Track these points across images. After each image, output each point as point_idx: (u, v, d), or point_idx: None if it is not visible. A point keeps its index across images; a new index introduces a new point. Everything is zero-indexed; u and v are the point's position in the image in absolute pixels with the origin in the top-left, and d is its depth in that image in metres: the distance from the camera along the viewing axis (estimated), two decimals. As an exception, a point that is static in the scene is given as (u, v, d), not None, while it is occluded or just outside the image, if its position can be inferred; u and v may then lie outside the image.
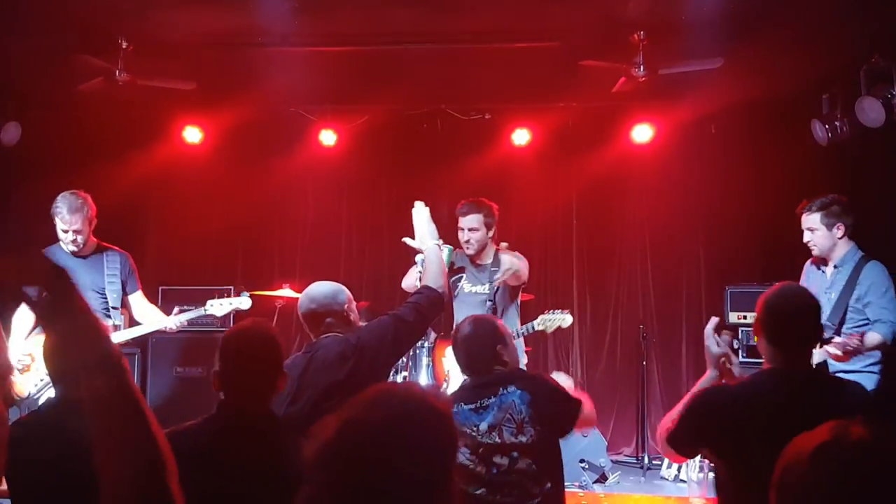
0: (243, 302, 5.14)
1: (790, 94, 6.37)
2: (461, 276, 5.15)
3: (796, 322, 2.56)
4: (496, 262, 5.06)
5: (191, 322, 5.05)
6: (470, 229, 5.03)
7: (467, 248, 5.05)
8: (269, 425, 2.55)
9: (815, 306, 2.62)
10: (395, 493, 1.32)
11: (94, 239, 4.89)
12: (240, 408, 2.54)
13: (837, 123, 6.02)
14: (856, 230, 4.58)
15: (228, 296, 5.51)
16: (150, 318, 5.00)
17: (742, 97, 6.33)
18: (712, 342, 2.80)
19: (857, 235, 4.59)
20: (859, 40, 5.41)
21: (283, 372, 2.63)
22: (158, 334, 6.52)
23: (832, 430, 1.30)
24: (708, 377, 2.78)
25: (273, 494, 2.29)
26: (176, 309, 5.04)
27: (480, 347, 3.20)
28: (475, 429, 3.06)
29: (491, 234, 5.08)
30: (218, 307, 5.05)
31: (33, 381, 4.61)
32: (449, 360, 5.29)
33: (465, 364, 3.24)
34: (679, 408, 2.64)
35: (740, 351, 6.21)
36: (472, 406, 3.10)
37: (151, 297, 6.58)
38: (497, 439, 3.03)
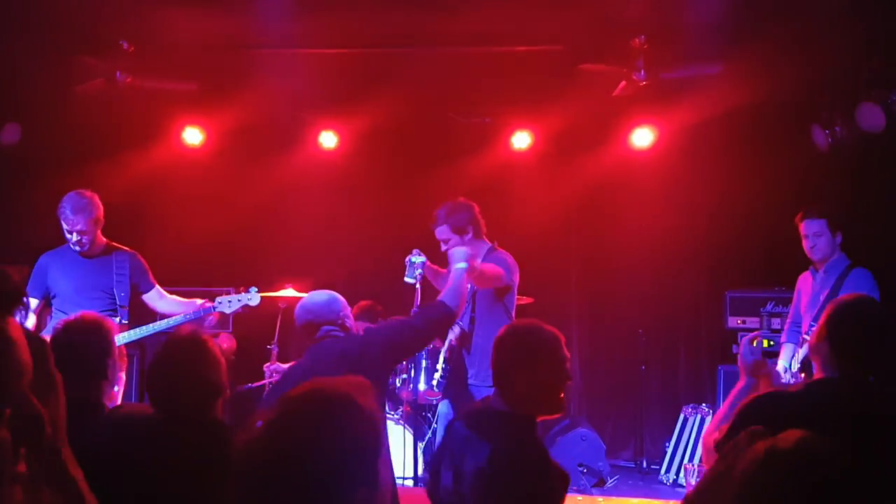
0: (252, 298, 5.07)
1: (790, 99, 6.38)
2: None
3: (871, 335, 2.54)
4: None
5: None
6: (442, 241, 4.83)
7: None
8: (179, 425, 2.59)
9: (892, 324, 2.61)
10: (313, 492, 1.35)
11: (104, 239, 4.86)
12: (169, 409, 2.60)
13: (837, 128, 6.02)
14: (855, 234, 4.63)
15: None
16: (173, 307, 4.96)
17: (742, 102, 6.33)
18: (747, 350, 2.87)
19: (858, 239, 4.62)
20: (859, 45, 5.42)
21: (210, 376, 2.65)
22: (158, 336, 6.52)
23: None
24: (746, 385, 2.86)
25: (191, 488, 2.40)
26: (199, 301, 4.99)
27: None
28: None
29: (467, 237, 4.82)
30: (227, 304, 5.02)
31: None
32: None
33: None
34: (722, 415, 2.70)
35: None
36: None
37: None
38: None
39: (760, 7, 5.01)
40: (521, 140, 7.22)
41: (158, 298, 5.03)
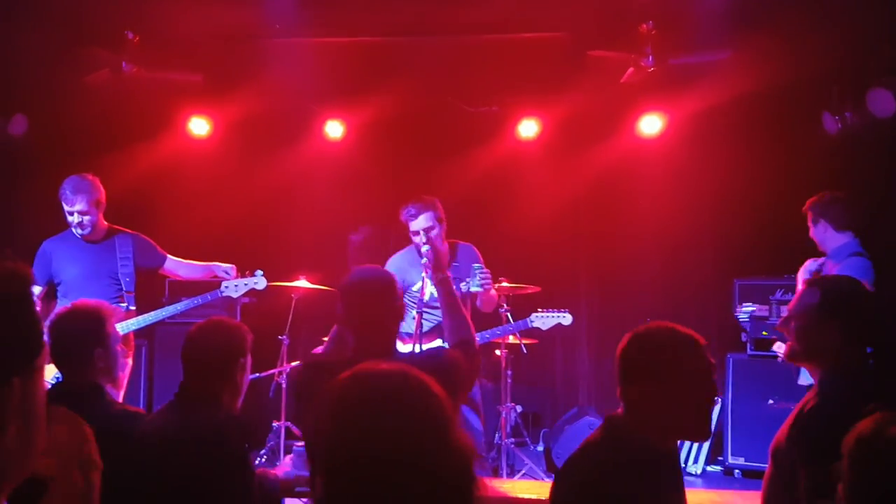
0: (259, 282, 5.06)
1: (800, 86, 6.32)
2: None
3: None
4: (454, 255, 5.03)
5: (198, 313, 5.02)
6: (425, 230, 4.83)
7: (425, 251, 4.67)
8: (217, 415, 2.70)
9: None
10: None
11: (106, 223, 4.85)
12: (195, 397, 2.73)
13: (848, 115, 5.98)
14: (863, 222, 4.61)
15: None
16: (196, 271, 5.06)
17: (751, 88, 6.28)
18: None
19: (868, 225, 4.60)
20: (870, 30, 5.37)
21: (232, 359, 2.79)
22: (165, 326, 6.52)
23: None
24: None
25: (212, 479, 2.50)
26: (220, 264, 5.03)
27: None
28: None
29: (443, 226, 4.92)
30: (233, 289, 5.01)
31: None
32: None
33: None
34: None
35: (748, 345, 6.18)
36: None
37: (159, 291, 6.62)
38: None
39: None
40: (529, 128, 7.19)
41: (178, 267, 5.04)
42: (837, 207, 4.73)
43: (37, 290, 4.65)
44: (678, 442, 2.40)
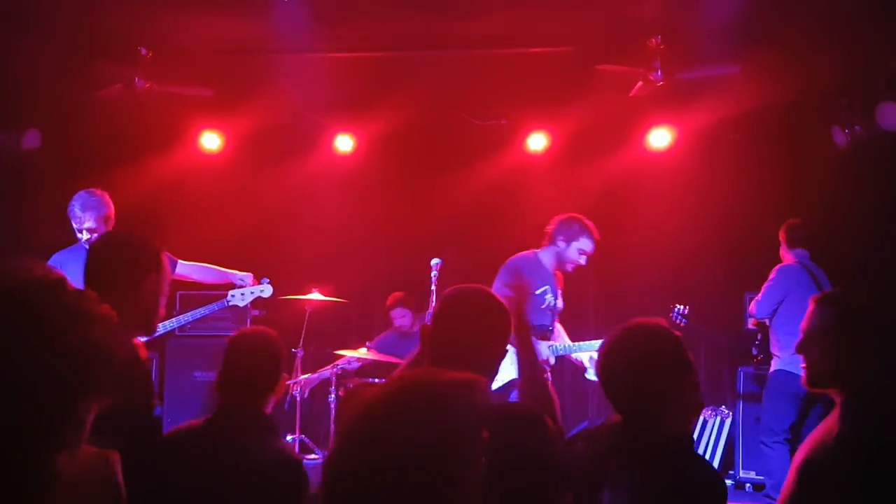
0: (265, 290, 5.08)
1: (808, 99, 6.33)
2: (547, 288, 5.25)
3: None
4: None
5: (209, 324, 5.04)
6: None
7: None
8: (263, 425, 2.62)
9: None
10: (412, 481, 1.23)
11: None
12: (236, 407, 2.62)
13: (857, 128, 5.98)
14: (874, 233, 4.65)
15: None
16: (212, 275, 5.04)
17: (760, 102, 6.29)
18: None
19: (878, 238, 4.62)
20: (878, 44, 5.37)
21: (283, 374, 2.72)
22: (175, 339, 6.55)
23: None
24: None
25: (257, 492, 2.41)
26: (238, 273, 5.04)
27: None
28: None
29: None
30: (240, 297, 5.03)
31: None
32: None
33: None
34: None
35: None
36: None
37: (170, 303, 6.63)
38: None
39: (777, 7, 4.98)
40: (538, 142, 7.21)
41: (191, 271, 5.03)
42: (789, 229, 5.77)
43: None
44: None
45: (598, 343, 5.12)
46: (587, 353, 5.33)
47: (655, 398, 2.22)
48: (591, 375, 5.10)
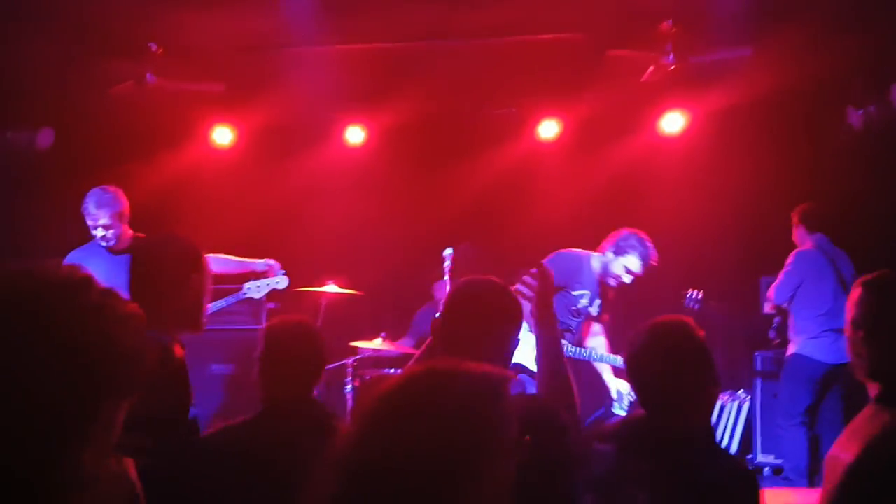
0: (280, 281, 5.10)
1: (823, 81, 6.27)
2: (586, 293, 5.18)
3: None
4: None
5: (224, 318, 5.04)
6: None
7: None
8: (319, 411, 2.57)
9: None
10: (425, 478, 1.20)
11: (131, 232, 4.89)
12: (286, 398, 2.56)
13: (871, 109, 5.93)
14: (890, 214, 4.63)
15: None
16: (231, 266, 5.10)
17: (773, 85, 6.24)
18: None
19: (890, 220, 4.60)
20: (893, 24, 5.31)
21: (324, 360, 2.67)
22: (190, 335, 6.56)
23: None
24: None
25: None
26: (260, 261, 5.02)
27: None
28: None
29: None
30: (255, 289, 5.05)
31: None
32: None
33: None
34: None
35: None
36: None
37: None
38: None
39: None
40: (549, 129, 7.18)
41: (211, 264, 5.06)
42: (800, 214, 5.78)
43: None
44: None
45: (613, 357, 5.08)
46: (605, 365, 5.24)
47: (683, 394, 2.28)
48: (618, 409, 5.05)
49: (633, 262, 5.05)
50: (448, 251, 4.99)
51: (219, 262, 5.09)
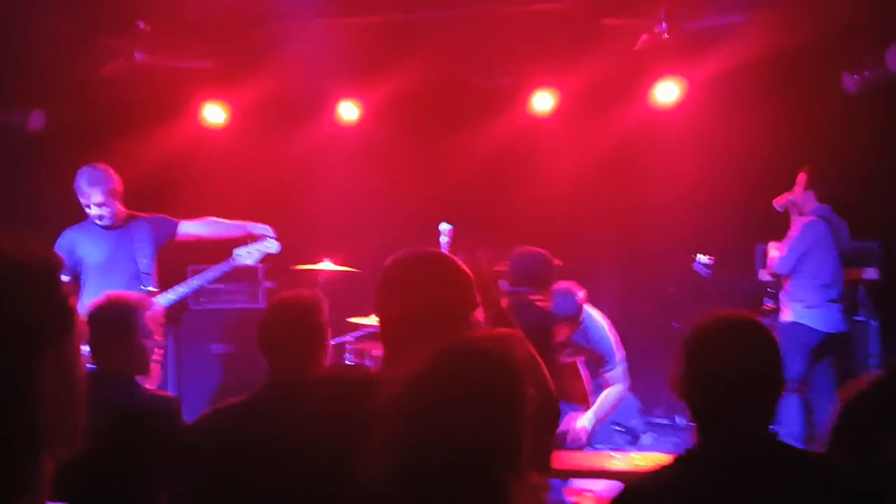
0: (270, 245, 5.06)
1: (818, 45, 6.23)
2: None
3: None
4: None
5: (223, 297, 5.02)
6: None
7: None
8: (325, 384, 2.46)
9: None
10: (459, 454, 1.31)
11: (125, 210, 4.91)
12: (291, 371, 2.53)
13: (867, 73, 5.91)
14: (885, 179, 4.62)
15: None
16: (221, 229, 5.03)
17: (768, 49, 6.20)
18: None
19: (889, 183, 4.59)
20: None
21: (328, 334, 2.68)
22: (191, 312, 6.57)
23: None
24: None
25: (341, 450, 2.13)
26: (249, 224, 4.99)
27: None
28: None
29: None
30: (247, 255, 5.01)
31: None
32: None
33: None
34: None
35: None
36: None
37: (180, 278, 6.67)
38: None
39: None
40: (544, 100, 7.14)
41: (198, 228, 5.02)
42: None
43: (64, 279, 4.71)
44: None
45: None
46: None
47: (761, 408, 2.06)
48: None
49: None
50: (445, 226, 4.94)
51: (207, 225, 5.06)
